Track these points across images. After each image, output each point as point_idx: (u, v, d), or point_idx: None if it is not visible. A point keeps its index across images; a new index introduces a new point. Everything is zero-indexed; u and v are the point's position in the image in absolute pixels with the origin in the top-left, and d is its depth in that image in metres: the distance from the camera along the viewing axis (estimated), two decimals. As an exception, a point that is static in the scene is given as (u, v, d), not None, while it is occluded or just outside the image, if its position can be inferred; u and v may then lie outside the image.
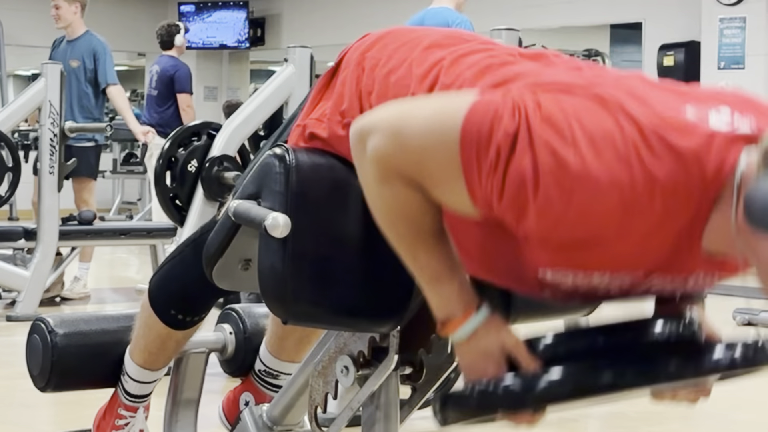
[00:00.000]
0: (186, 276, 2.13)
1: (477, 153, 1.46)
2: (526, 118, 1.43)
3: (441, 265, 1.58)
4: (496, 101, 1.48)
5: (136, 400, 2.35)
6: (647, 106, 1.44)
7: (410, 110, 1.57)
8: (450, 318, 1.58)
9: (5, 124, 5.84)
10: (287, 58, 4.70)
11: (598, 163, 1.40)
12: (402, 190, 1.55)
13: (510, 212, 1.46)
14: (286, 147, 1.86)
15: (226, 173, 4.46)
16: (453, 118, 1.49)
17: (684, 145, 1.41)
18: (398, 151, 1.53)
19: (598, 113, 1.43)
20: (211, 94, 13.93)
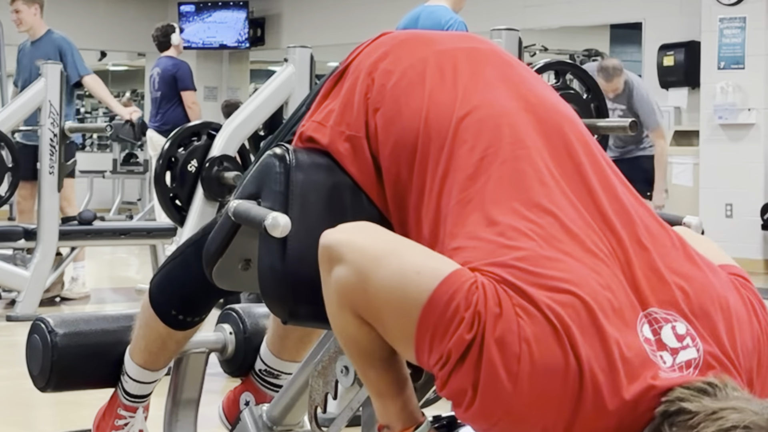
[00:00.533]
0: (187, 277, 2.13)
1: (431, 339, 1.51)
2: (482, 332, 1.47)
3: (387, 385, 1.66)
4: (462, 295, 1.49)
5: (135, 400, 2.35)
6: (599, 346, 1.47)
7: (384, 257, 1.57)
8: (389, 429, 1.67)
9: (5, 124, 5.84)
10: (287, 58, 4.70)
11: (531, 401, 1.46)
12: (355, 323, 1.61)
13: (448, 395, 1.53)
14: (286, 147, 1.86)
15: (226, 173, 4.46)
16: (420, 291, 1.51)
17: (617, 396, 1.46)
18: (361, 294, 1.57)
19: (550, 347, 1.46)
20: (211, 94, 13.94)
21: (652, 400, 1.46)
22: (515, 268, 1.51)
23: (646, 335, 1.50)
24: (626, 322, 1.50)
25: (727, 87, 8.59)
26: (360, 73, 1.84)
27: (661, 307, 1.53)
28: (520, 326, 1.47)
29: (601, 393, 1.46)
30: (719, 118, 8.67)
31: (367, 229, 1.63)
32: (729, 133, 8.69)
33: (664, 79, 9.46)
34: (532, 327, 1.47)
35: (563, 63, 3.34)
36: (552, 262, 1.52)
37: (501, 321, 1.47)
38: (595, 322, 1.48)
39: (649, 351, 1.49)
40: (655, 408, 1.45)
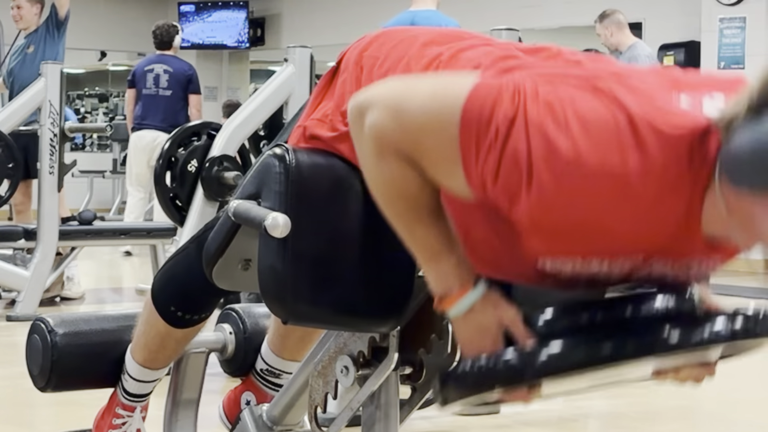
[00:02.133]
0: (188, 273, 2.13)
1: (476, 135, 1.47)
2: (524, 104, 1.45)
3: (438, 242, 1.58)
4: (497, 85, 1.49)
5: (134, 399, 2.35)
6: (641, 96, 1.45)
7: (411, 87, 1.58)
8: (447, 293, 1.59)
9: (5, 124, 5.84)
10: (287, 58, 4.70)
11: (589, 149, 1.41)
12: (399, 167, 1.55)
13: (503, 195, 1.47)
14: (286, 147, 1.86)
15: (226, 173, 4.46)
16: (454, 98, 1.49)
17: (674, 131, 1.42)
18: (397, 128, 1.53)
19: (592, 102, 1.44)
20: (211, 94, 13.94)
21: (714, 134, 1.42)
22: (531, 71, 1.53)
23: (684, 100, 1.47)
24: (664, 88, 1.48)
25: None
26: (349, 66, 1.87)
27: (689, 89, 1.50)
28: (557, 90, 1.45)
29: (658, 129, 1.42)
30: (719, 118, 8.66)
31: (388, 80, 1.65)
32: (729, 133, 8.69)
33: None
34: (569, 89, 1.45)
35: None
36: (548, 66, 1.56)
37: (538, 92, 1.45)
38: (629, 84, 1.47)
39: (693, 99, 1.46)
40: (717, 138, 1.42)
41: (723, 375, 1.71)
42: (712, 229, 1.48)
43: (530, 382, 1.51)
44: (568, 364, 1.48)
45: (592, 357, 1.47)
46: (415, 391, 1.98)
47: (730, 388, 4.39)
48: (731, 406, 4.12)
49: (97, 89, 16.57)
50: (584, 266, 1.51)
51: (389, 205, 1.61)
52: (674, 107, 1.45)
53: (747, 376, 4.69)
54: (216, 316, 2.54)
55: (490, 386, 1.53)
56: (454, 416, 3.60)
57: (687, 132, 1.43)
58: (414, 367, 1.93)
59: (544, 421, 3.74)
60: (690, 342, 1.48)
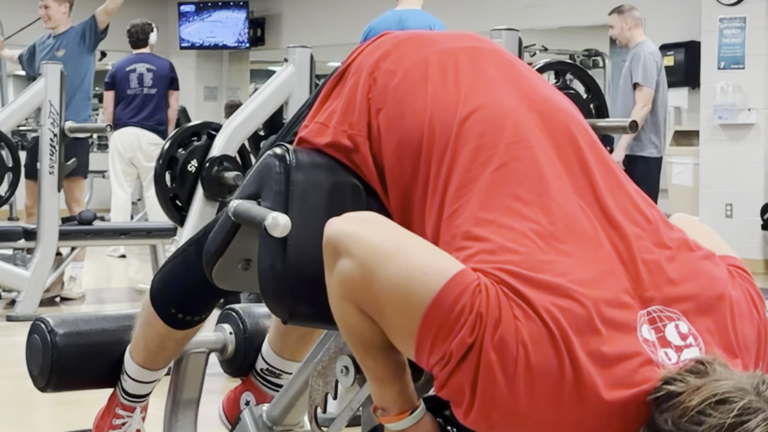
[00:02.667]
0: (187, 275, 2.13)
1: (433, 340, 1.52)
2: (483, 335, 1.48)
3: (385, 372, 1.66)
4: (467, 297, 1.49)
5: (133, 399, 2.35)
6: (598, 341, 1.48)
7: (390, 254, 1.56)
8: (386, 412, 1.67)
9: (5, 124, 5.84)
10: (287, 58, 4.70)
11: (528, 405, 1.47)
12: (358, 317, 1.61)
13: (448, 394, 1.55)
14: (286, 147, 1.86)
15: (226, 173, 4.45)
16: (426, 291, 1.51)
17: (612, 397, 1.47)
18: (364, 290, 1.57)
19: (546, 351, 1.47)
20: (211, 94, 13.93)
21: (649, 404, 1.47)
22: (514, 271, 1.52)
23: (645, 335, 1.50)
24: (625, 324, 1.51)
25: (727, 87, 8.58)
26: (362, 73, 1.84)
27: (665, 305, 1.54)
28: (518, 329, 1.47)
29: (599, 395, 1.46)
30: (719, 118, 8.66)
31: (372, 221, 1.63)
32: (729, 133, 8.69)
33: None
34: (529, 330, 1.47)
35: (563, 63, 3.34)
36: (551, 264, 1.53)
37: (500, 324, 1.48)
38: (592, 326, 1.49)
39: (649, 351, 1.49)
40: (647, 397, 1.46)
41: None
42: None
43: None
44: None
45: None
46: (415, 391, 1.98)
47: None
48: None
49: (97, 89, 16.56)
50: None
51: (346, 336, 1.69)
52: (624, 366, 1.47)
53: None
54: (216, 316, 2.54)
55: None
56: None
57: (625, 399, 1.46)
58: (415, 367, 1.93)
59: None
60: None
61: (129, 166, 8.30)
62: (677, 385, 1.43)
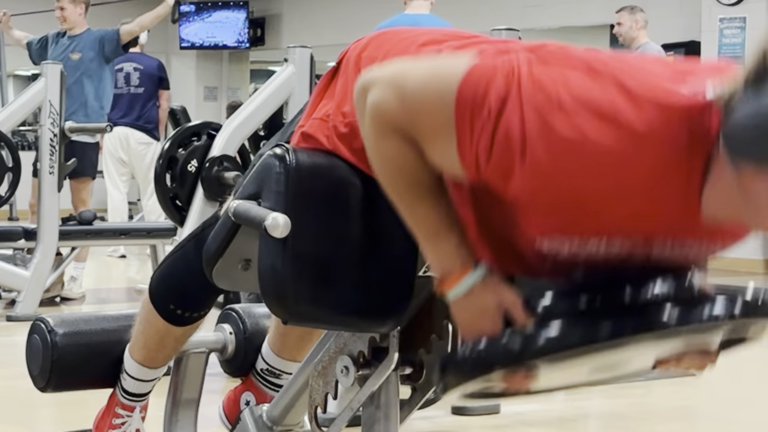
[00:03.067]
0: (186, 270, 2.13)
1: (471, 113, 1.48)
2: (518, 82, 1.45)
3: (439, 221, 1.58)
4: (492, 65, 1.50)
5: (133, 399, 2.35)
6: (640, 77, 1.45)
7: (412, 66, 1.60)
8: (447, 274, 1.58)
9: (5, 124, 5.84)
10: (287, 58, 4.70)
11: (585, 124, 1.41)
12: (399, 146, 1.56)
13: (497, 173, 1.47)
14: (286, 147, 1.86)
15: (226, 173, 4.46)
16: (452, 76, 1.50)
17: (673, 107, 1.41)
18: (396, 103, 1.55)
19: (588, 82, 1.44)
20: (211, 94, 13.93)
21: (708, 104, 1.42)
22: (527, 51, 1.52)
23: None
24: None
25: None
26: (349, 66, 1.87)
27: None
28: (552, 70, 1.46)
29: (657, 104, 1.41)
30: (719, 118, 8.67)
31: (390, 62, 1.66)
32: (729, 133, 8.69)
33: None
34: (565, 69, 1.46)
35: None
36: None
37: (534, 69, 1.46)
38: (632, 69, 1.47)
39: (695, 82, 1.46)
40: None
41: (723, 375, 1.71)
42: (712, 209, 1.46)
43: (529, 363, 1.50)
44: (566, 344, 1.47)
45: (589, 337, 1.46)
46: (415, 391, 1.98)
47: (729, 387, 4.39)
48: (731, 406, 4.12)
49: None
50: (581, 246, 1.51)
51: (391, 184, 1.61)
52: (674, 87, 1.44)
53: (747, 376, 4.69)
54: (216, 316, 2.54)
55: (488, 369, 1.52)
56: (454, 416, 3.60)
57: (686, 109, 1.42)
58: (414, 367, 1.93)
59: (544, 421, 3.74)
60: (689, 321, 1.47)
61: (122, 165, 8.32)
62: None
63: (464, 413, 3.61)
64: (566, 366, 1.53)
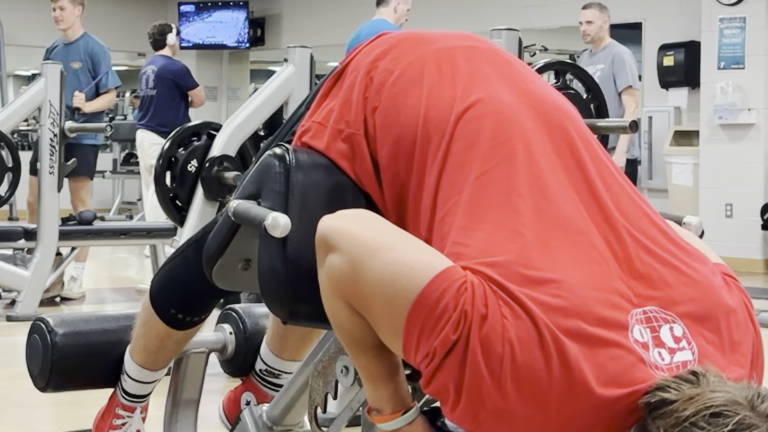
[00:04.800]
0: (187, 275, 2.13)
1: (418, 336, 1.51)
2: (468, 332, 1.47)
3: (378, 371, 1.66)
4: (451, 294, 1.49)
5: (134, 400, 2.35)
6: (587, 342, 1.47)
7: (377, 249, 1.57)
8: (379, 412, 1.67)
9: (5, 124, 5.84)
10: (287, 58, 4.70)
11: (515, 401, 1.46)
12: (347, 313, 1.61)
13: (433, 394, 1.55)
14: (286, 147, 1.86)
15: (226, 173, 4.45)
16: (411, 287, 1.51)
17: (604, 394, 1.45)
18: (352, 284, 1.58)
19: (533, 350, 1.46)
20: (211, 94, 13.92)
21: (640, 398, 1.45)
22: (505, 268, 1.51)
23: (636, 336, 1.49)
24: (617, 323, 1.49)
25: (727, 87, 8.58)
26: (359, 72, 1.84)
27: (662, 306, 1.53)
28: (505, 328, 1.47)
29: (591, 389, 1.45)
30: (719, 118, 8.66)
31: (364, 218, 1.64)
32: (729, 133, 8.69)
33: (664, 79, 9.46)
34: (517, 329, 1.47)
35: (563, 63, 3.34)
36: (542, 262, 1.52)
37: (486, 322, 1.47)
38: (583, 325, 1.48)
39: (640, 351, 1.48)
40: (639, 401, 1.45)
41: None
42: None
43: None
44: None
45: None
46: (415, 391, 1.98)
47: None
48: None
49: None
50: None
51: (338, 334, 1.69)
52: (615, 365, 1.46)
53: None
54: (216, 316, 2.54)
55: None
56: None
57: (614, 399, 1.45)
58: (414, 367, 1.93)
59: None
60: None
61: (143, 168, 8.40)
62: (671, 392, 1.42)
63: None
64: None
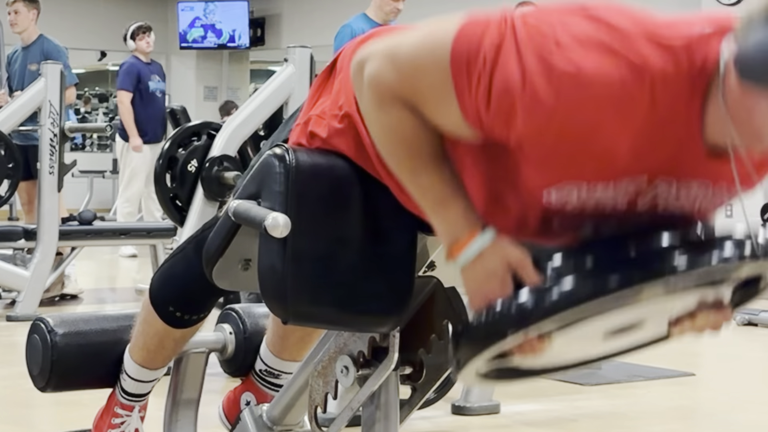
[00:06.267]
0: (186, 273, 2.13)
1: (467, 66, 1.49)
2: (512, 28, 1.48)
3: (443, 188, 1.59)
4: (484, 19, 1.52)
5: (132, 399, 2.35)
6: (635, 18, 1.47)
7: (405, 35, 1.61)
8: (455, 240, 1.59)
9: (5, 124, 5.84)
10: (287, 58, 4.71)
11: (584, 59, 1.43)
12: (399, 113, 1.58)
13: (499, 121, 1.48)
14: (286, 147, 1.86)
15: (226, 173, 4.46)
16: (444, 35, 1.52)
17: (670, 39, 1.44)
18: (393, 72, 1.56)
19: (583, 24, 1.46)
20: (211, 94, 13.94)
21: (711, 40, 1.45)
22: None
23: None
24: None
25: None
26: (344, 66, 1.86)
27: None
28: (546, 15, 1.48)
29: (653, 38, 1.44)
30: (719, 118, 8.66)
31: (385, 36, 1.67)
32: (729, 133, 8.69)
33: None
34: (559, 14, 1.48)
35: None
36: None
37: (527, 19, 1.48)
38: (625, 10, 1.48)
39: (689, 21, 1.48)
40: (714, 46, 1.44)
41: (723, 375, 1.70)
42: (714, 137, 1.48)
43: (542, 323, 1.49)
44: (578, 297, 1.46)
45: (601, 288, 1.46)
46: (415, 391, 1.98)
47: (729, 388, 4.40)
48: (731, 406, 4.12)
49: (97, 89, 16.58)
50: (589, 194, 1.51)
51: (393, 156, 1.62)
52: (669, 24, 1.47)
53: (746, 376, 4.70)
54: (216, 316, 2.54)
55: (502, 334, 1.51)
56: (454, 416, 3.60)
57: (684, 40, 1.45)
58: (414, 367, 1.93)
59: (544, 421, 3.74)
60: (699, 264, 1.46)
61: None
62: None
63: (464, 413, 3.61)
64: (580, 330, 1.52)
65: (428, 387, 1.92)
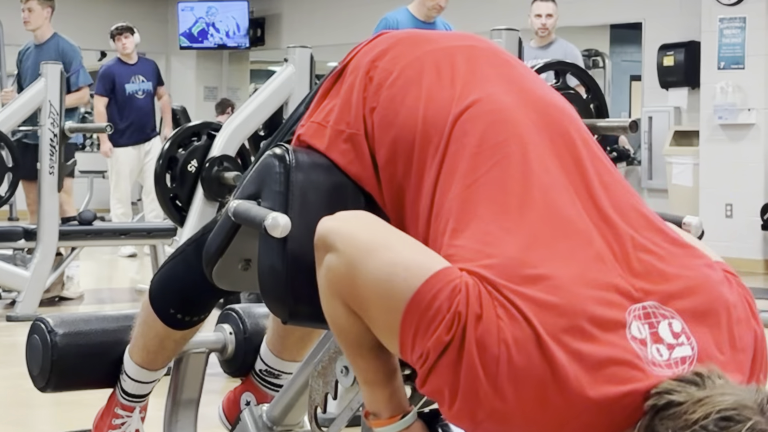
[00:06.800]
0: (186, 275, 2.13)
1: (413, 336, 1.51)
2: (462, 333, 1.47)
3: (375, 374, 1.66)
4: (445, 295, 1.49)
5: (133, 399, 2.35)
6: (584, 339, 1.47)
7: (374, 249, 1.57)
8: (376, 416, 1.67)
9: (5, 124, 5.84)
10: (287, 58, 4.70)
11: (512, 401, 1.46)
12: (345, 313, 1.62)
13: (428, 395, 1.55)
14: (286, 147, 1.86)
15: (226, 173, 4.45)
16: (406, 287, 1.51)
17: (599, 395, 1.45)
18: (349, 285, 1.58)
19: (529, 350, 1.46)
20: (211, 94, 13.92)
21: (640, 397, 1.45)
22: (499, 268, 1.51)
23: (634, 333, 1.48)
24: (613, 321, 1.49)
25: (727, 87, 8.58)
26: (358, 72, 1.84)
27: (661, 302, 1.52)
28: (500, 328, 1.46)
29: (584, 393, 1.45)
30: (719, 118, 8.66)
31: (362, 219, 1.64)
32: (729, 133, 8.69)
33: (664, 79, 9.46)
34: (512, 329, 1.46)
35: (563, 63, 3.34)
36: (538, 261, 1.52)
37: (481, 323, 1.47)
38: (578, 325, 1.47)
39: (638, 348, 1.47)
40: (645, 404, 1.44)
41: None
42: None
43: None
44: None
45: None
46: (415, 391, 1.98)
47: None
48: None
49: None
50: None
51: (336, 336, 1.69)
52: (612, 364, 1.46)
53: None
54: (216, 316, 2.54)
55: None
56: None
57: (611, 399, 1.45)
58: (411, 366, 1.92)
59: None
60: None
61: None
62: (677, 394, 1.41)
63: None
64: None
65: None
